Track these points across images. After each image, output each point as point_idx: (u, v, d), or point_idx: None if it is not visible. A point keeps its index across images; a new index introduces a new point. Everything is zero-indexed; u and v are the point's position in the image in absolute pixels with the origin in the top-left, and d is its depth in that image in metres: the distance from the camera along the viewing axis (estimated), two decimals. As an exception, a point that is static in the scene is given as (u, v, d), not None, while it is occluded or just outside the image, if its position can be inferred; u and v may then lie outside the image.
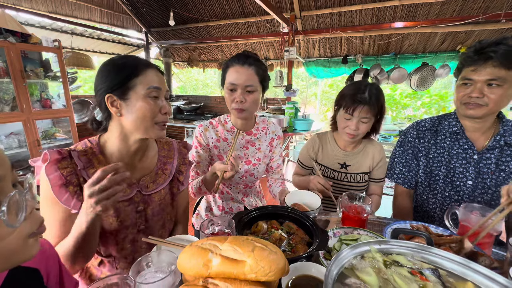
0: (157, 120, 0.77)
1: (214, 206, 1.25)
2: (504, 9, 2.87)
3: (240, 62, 1.00)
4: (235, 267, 0.45)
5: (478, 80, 0.91)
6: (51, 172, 0.68)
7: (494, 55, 0.87)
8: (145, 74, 0.74)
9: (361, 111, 1.09)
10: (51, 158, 0.68)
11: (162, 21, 4.95)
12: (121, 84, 0.72)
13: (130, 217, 0.81)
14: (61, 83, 3.52)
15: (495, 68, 0.87)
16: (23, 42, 3.04)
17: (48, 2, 3.81)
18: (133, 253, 0.85)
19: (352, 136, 1.15)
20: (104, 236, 0.79)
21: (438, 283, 0.45)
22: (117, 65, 0.73)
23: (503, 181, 0.99)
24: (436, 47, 3.54)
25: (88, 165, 0.75)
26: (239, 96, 1.00)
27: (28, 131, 3.20)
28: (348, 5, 3.48)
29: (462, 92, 0.98)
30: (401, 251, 0.53)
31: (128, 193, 0.80)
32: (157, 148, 0.94)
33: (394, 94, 6.87)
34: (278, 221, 0.88)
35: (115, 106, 0.73)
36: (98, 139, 0.80)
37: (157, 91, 0.75)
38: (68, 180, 0.70)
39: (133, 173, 0.84)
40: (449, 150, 1.08)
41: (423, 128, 1.17)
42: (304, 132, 3.45)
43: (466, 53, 0.96)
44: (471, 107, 0.96)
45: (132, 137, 0.78)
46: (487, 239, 0.76)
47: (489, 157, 1.01)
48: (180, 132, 5.79)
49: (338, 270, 0.47)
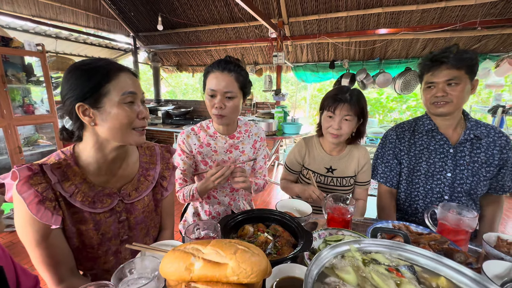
0: (134, 125, 0.72)
1: (201, 211, 1.24)
2: (480, 17, 3.04)
3: (220, 68, 1.01)
4: (217, 270, 0.46)
5: (439, 81, 1.06)
6: (24, 190, 0.63)
7: (446, 60, 1.03)
8: (118, 79, 0.68)
9: (342, 109, 1.14)
10: (21, 176, 0.63)
11: (150, 25, 4.92)
12: (93, 92, 0.66)
13: (112, 228, 0.78)
14: (44, 88, 3.42)
15: (449, 70, 1.03)
16: (4, 46, 2.95)
17: (31, 5, 3.72)
18: (116, 266, 0.80)
19: (335, 136, 1.18)
20: (85, 251, 0.75)
21: (413, 279, 0.47)
22: (86, 70, 0.67)
23: (477, 171, 1.10)
24: (418, 52, 3.69)
25: (62, 179, 0.70)
26: (218, 102, 1.01)
27: (8, 138, 3.08)
28: (334, 11, 3.59)
29: (429, 94, 1.11)
30: (379, 249, 0.55)
31: (109, 204, 0.77)
32: (138, 153, 0.90)
33: (381, 98, 7.06)
34: (264, 224, 0.89)
35: (88, 115, 0.68)
36: (73, 150, 0.75)
37: (132, 96, 0.70)
38: (44, 196, 0.65)
39: (114, 182, 0.80)
40: (427, 146, 1.18)
41: (402, 129, 1.27)
42: (293, 135, 3.49)
43: (423, 62, 1.13)
44: (439, 105, 1.08)
45: (109, 145, 0.74)
46: (462, 236, 0.79)
47: (463, 150, 1.12)
48: (169, 137, 5.73)
49: (318, 270, 0.48)
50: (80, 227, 0.73)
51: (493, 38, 3.22)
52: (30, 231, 0.65)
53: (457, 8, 3.09)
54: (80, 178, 0.73)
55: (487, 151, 1.10)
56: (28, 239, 0.66)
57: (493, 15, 3.03)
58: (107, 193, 0.77)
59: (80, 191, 0.72)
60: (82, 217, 0.73)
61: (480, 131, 1.11)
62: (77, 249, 0.75)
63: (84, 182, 0.73)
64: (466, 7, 3.05)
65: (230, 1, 3.91)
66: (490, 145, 1.10)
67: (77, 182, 0.72)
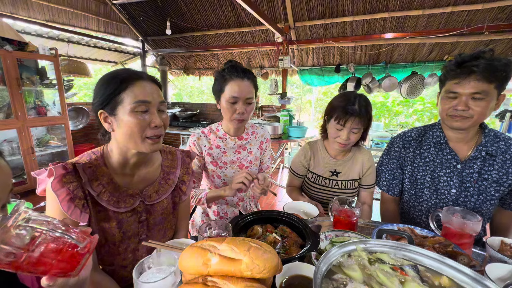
0: (146, 134, 0.74)
1: (210, 211, 1.28)
2: (487, 22, 3.03)
3: (240, 76, 1.07)
4: (232, 265, 0.49)
5: (463, 93, 0.94)
6: (58, 187, 0.69)
7: (477, 69, 0.89)
8: (133, 88, 0.71)
9: (352, 122, 1.14)
10: (57, 174, 0.68)
11: (159, 30, 5.03)
12: (110, 99, 0.71)
13: (132, 227, 0.82)
14: (56, 91, 3.53)
15: (478, 82, 0.90)
16: (19, 50, 3.06)
17: (45, 10, 3.85)
18: (133, 262, 0.86)
19: (343, 146, 1.21)
20: (107, 247, 0.81)
21: (417, 278, 0.50)
22: (107, 80, 0.72)
23: (485, 190, 1.03)
24: (424, 57, 3.69)
25: (92, 178, 0.75)
26: (240, 108, 1.07)
27: (22, 138, 3.19)
28: (340, 16, 3.62)
29: (448, 104, 1.00)
30: (384, 249, 0.57)
31: (132, 204, 0.81)
32: (161, 158, 0.94)
33: (387, 102, 7.04)
34: (272, 225, 0.92)
35: (107, 122, 0.73)
36: (102, 150, 0.81)
37: (145, 104, 0.72)
38: (75, 195, 0.71)
39: (136, 184, 0.85)
40: (433, 159, 1.12)
41: (409, 138, 1.21)
42: (299, 139, 3.51)
43: (448, 66, 0.99)
44: (457, 119, 0.99)
45: (128, 151, 0.78)
46: (466, 240, 0.81)
47: (472, 167, 1.04)
48: (176, 139, 5.80)
49: (326, 267, 0.51)
50: (103, 225, 0.78)
51: (501, 43, 3.21)
52: None
53: (464, 13, 3.09)
54: (107, 178, 0.78)
55: (501, 169, 1.00)
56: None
57: (501, 19, 3.02)
58: (130, 193, 0.81)
59: (106, 190, 0.77)
60: (106, 215, 0.78)
61: (497, 146, 1.01)
62: (100, 245, 0.79)
63: (111, 183, 0.78)
64: (473, 11, 3.04)
65: (237, 6, 3.98)
66: (506, 163, 1.00)
67: (104, 182, 0.77)
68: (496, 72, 0.88)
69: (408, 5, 3.23)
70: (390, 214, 1.27)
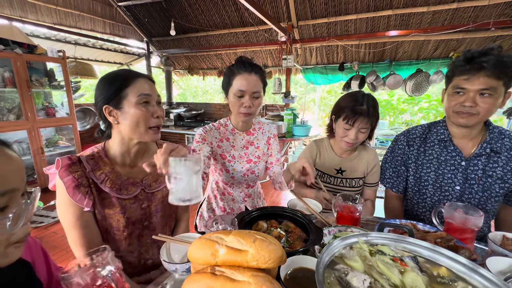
0: (150, 124, 0.83)
1: (216, 207, 1.31)
2: (493, 18, 2.99)
3: (247, 70, 1.08)
4: (239, 256, 0.52)
5: (471, 89, 0.93)
6: (65, 176, 0.78)
7: (486, 65, 0.88)
8: (135, 84, 0.81)
9: (360, 122, 1.16)
10: (63, 164, 0.78)
11: (163, 31, 5.09)
12: (115, 95, 0.80)
13: (135, 214, 0.90)
14: (64, 92, 3.61)
15: (488, 78, 0.89)
16: (29, 53, 3.14)
17: (53, 14, 3.94)
18: (139, 248, 0.94)
19: (350, 145, 1.23)
20: (112, 232, 0.88)
21: (416, 268, 0.52)
22: (110, 78, 0.82)
23: (489, 187, 1.03)
24: (429, 54, 3.66)
25: (95, 168, 0.84)
26: (247, 102, 1.09)
27: (32, 139, 3.27)
28: (343, 14, 3.62)
29: (455, 101, 0.99)
30: (385, 242, 0.59)
31: (134, 191, 0.89)
32: (157, 149, 1.00)
33: (392, 100, 6.98)
34: (277, 220, 0.95)
35: (112, 115, 0.82)
36: (104, 145, 0.90)
37: (147, 97, 0.82)
38: (79, 182, 0.79)
39: (136, 173, 0.92)
40: (437, 157, 1.12)
41: (413, 135, 1.21)
42: (303, 137, 3.53)
43: (456, 62, 0.97)
44: (463, 116, 0.98)
45: (131, 141, 0.87)
46: (468, 234, 0.82)
47: (476, 164, 1.04)
48: (181, 139, 5.87)
49: (329, 258, 0.54)
50: (108, 211, 0.86)
51: (508, 39, 3.17)
52: (67, 212, 0.80)
53: (470, 9, 3.06)
54: (109, 167, 0.87)
55: (505, 165, 1.00)
56: (66, 220, 0.80)
57: (508, 15, 2.98)
58: (132, 182, 0.89)
59: (109, 178, 0.85)
60: (110, 202, 0.86)
61: (501, 143, 1.01)
62: (106, 231, 0.88)
63: (113, 172, 0.87)
64: (479, 7, 3.01)
65: (241, 6, 4.01)
66: (510, 160, 0.99)
67: (107, 171, 0.86)
68: (506, 69, 0.88)
69: (413, 2, 3.21)
70: (394, 211, 1.29)
